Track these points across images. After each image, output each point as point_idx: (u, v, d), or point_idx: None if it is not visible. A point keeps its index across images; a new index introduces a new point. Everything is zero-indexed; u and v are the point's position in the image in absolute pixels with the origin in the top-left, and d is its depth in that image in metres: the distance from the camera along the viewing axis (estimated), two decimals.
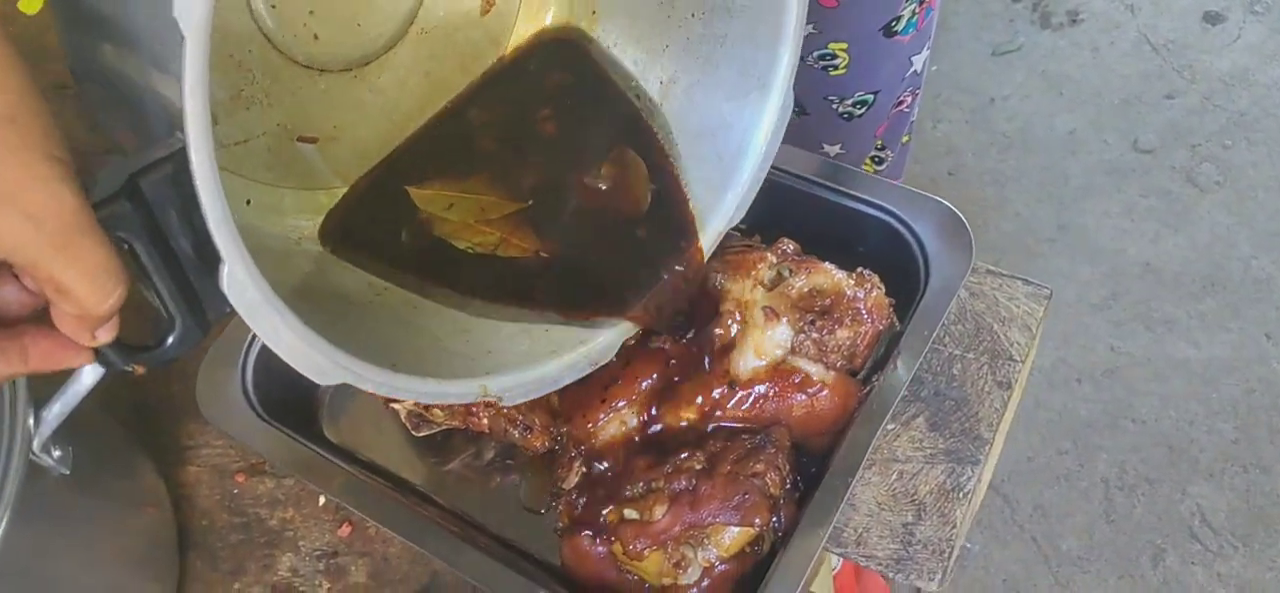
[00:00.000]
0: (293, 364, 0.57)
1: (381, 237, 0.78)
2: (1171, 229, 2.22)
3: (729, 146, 0.82)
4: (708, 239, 0.82)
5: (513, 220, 0.81)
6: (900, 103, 1.29)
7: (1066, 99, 2.48)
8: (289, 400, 0.92)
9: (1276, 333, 2.04)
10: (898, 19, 1.14)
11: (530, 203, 0.82)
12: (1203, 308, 2.11)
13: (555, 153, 0.85)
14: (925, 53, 1.24)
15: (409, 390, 0.65)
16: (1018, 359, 0.91)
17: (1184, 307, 2.11)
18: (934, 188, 1.77)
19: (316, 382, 0.59)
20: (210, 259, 0.51)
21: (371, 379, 0.61)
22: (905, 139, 1.43)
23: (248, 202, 0.74)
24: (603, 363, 0.78)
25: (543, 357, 0.75)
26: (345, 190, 0.81)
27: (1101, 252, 2.20)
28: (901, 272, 0.89)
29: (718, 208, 0.82)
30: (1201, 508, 1.87)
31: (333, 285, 0.74)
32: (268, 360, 0.90)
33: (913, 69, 1.23)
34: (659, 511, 0.76)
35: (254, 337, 0.89)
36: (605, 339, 0.78)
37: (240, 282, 0.52)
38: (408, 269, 0.76)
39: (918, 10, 1.15)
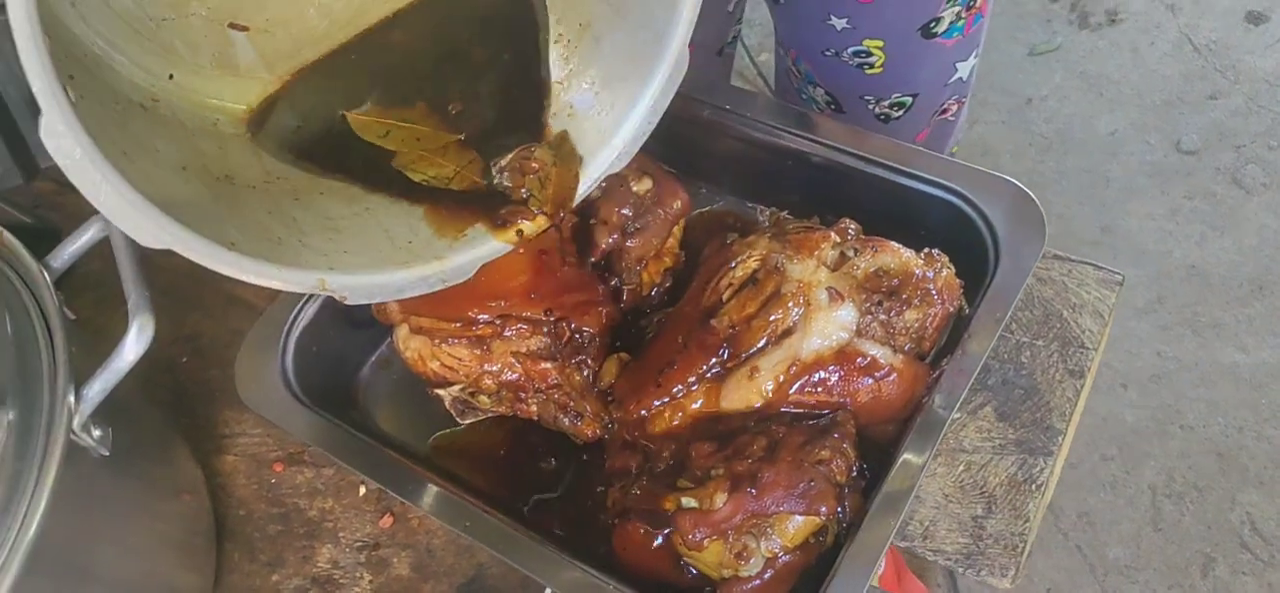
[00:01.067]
0: (114, 222, 0.55)
1: (307, 137, 0.77)
2: (1217, 232, 2.17)
3: (628, 87, 0.78)
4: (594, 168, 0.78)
5: (455, 150, 0.78)
6: (944, 110, 1.24)
7: (1106, 100, 2.43)
8: (328, 386, 0.89)
9: None
10: (938, 21, 1.10)
11: (463, 136, 0.79)
12: (1251, 312, 2.05)
13: (483, 82, 0.82)
14: (972, 61, 1.19)
15: (241, 269, 0.63)
16: (1090, 347, 0.87)
17: (1231, 310, 2.06)
18: None
19: (140, 243, 0.57)
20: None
21: (199, 251, 0.59)
22: (954, 150, 1.40)
23: (171, 76, 0.73)
24: (454, 282, 0.73)
25: (394, 265, 0.72)
26: (277, 85, 0.79)
27: (1146, 254, 2.15)
28: (968, 253, 0.85)
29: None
30: (1251, 517, 1.82)
31: (230, 167, 0.72)
32: (308, 345, 0.87)
33: (957, 75, 1.19)
34: (719, 498, 0.72)
35: (294, 320, 0.86)
36: (462, 260, 0.74)
37: (57, 132, 0.51)
38: (318, 159, 0.76)
39: (963, 13, 1.11)
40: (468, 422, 0.86)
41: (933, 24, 1.10)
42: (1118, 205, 2.23)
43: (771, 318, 0.78)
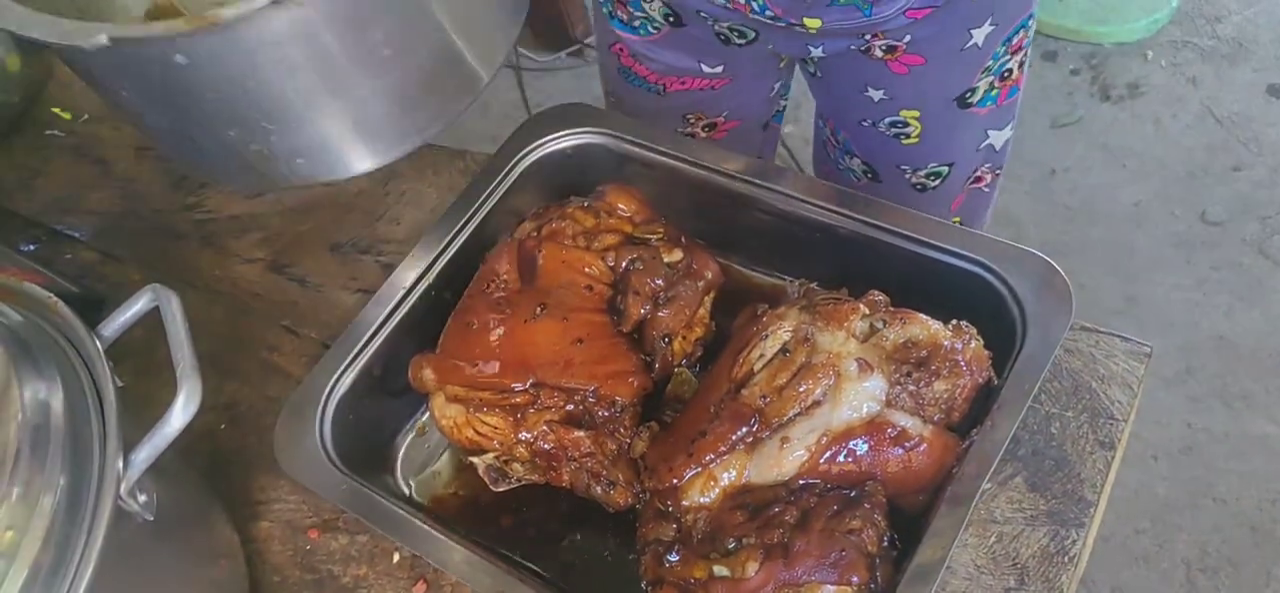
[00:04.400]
0: None
1: None
2: (1245, 303, 2.17)
3: None
4: None
5: None
6: (979, 179, 1.26)
7: (1129, 171, 2.44)
8: (365, 453, 0.91)
9: None
10: (973, 91, 1.12)
11: None
12: None
13: None
14: (1007, 132, 1.21)
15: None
16: (1120, 419, 0.87)
17: (1262, 381, 2.04)
18: None
19: None
20: None
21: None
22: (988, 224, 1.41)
23: None
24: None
25: None
26: None
27: (1173, 325, 2.14)
28: (996, 325, 0.86)
29: None
30: None
31: None
32: (345, 413, 0.89)
33: (989, 142, 1.21)
34: (751, 567, 0.73)
35: (331, 389, 0.88)
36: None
37: None
38: None
39: (997, 84, 1.14)
40: (501, 489, 0.87)
41: (968, 94, 1.12)
42: (1143, 276, 2.22)
43: (801, 388, 0.79)
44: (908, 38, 1.04)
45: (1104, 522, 1.76)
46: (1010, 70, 1.14)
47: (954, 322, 0.82)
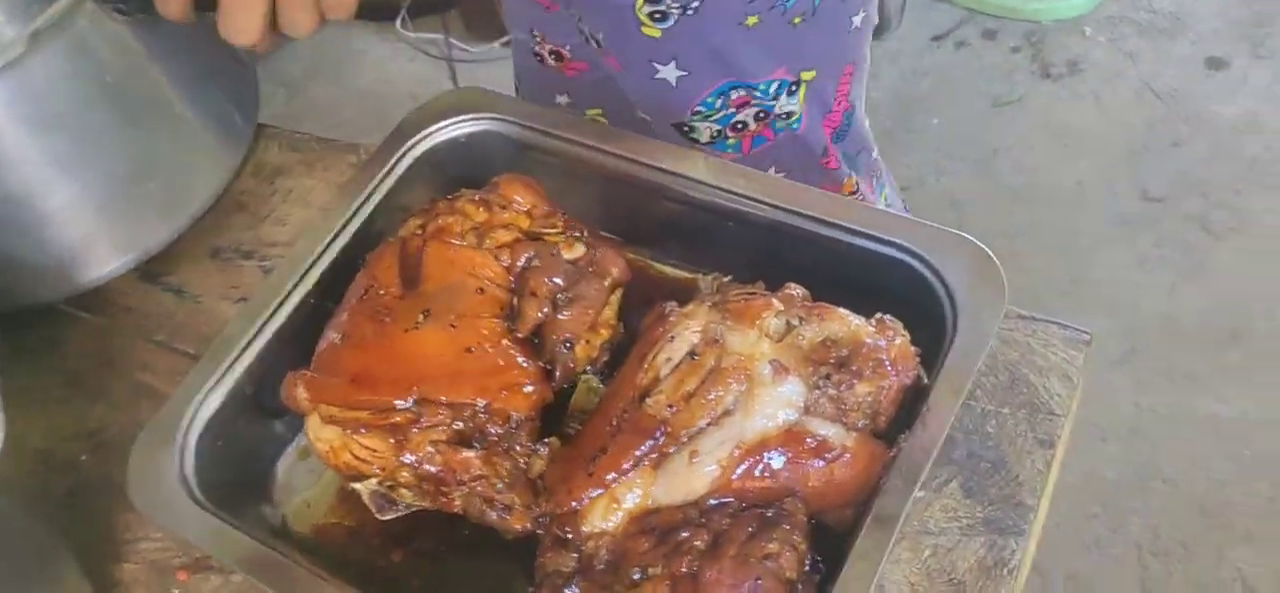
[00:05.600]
0: None
1: None
2: (1188, 279, 2.13)
3: None
4: None
5: None
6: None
7: (1071, 150, 2.40)
8: (238, 482, 0.81)
9: None
10: (691, 129, 1.11)
11: None
12: (1227, 361, 2.01)
13: None
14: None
15: None
16: (1059, 413, 0.80)
17: (1207, 359, 2.01)
18: None
19: None
20: None
21: None
22: (885, 194, 1.34)
23: None
24: None
25: None
26: None
27: (1118, 304, 2.11)
28: (925, 319, 0.79)
29: None
30: (1243, 574, 1.75)
31: None
32: (212, 438, 0.79)
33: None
34: None
35: (195, 412, 0.79)
36: None
37: None
38: None
39: (728, 132, 1.10)
40: (387, 517, 0.79)
41: (686, 129, 1.10)
42: (1087, 256, 2.19)
43: (711, 396, 0.71)
44: None
45: (1058, 509, 1.72)
46: (743, 124, 1.10)
47: (877, 316, 0.74)
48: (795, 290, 0.77)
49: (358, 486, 0.78)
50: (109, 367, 0.94)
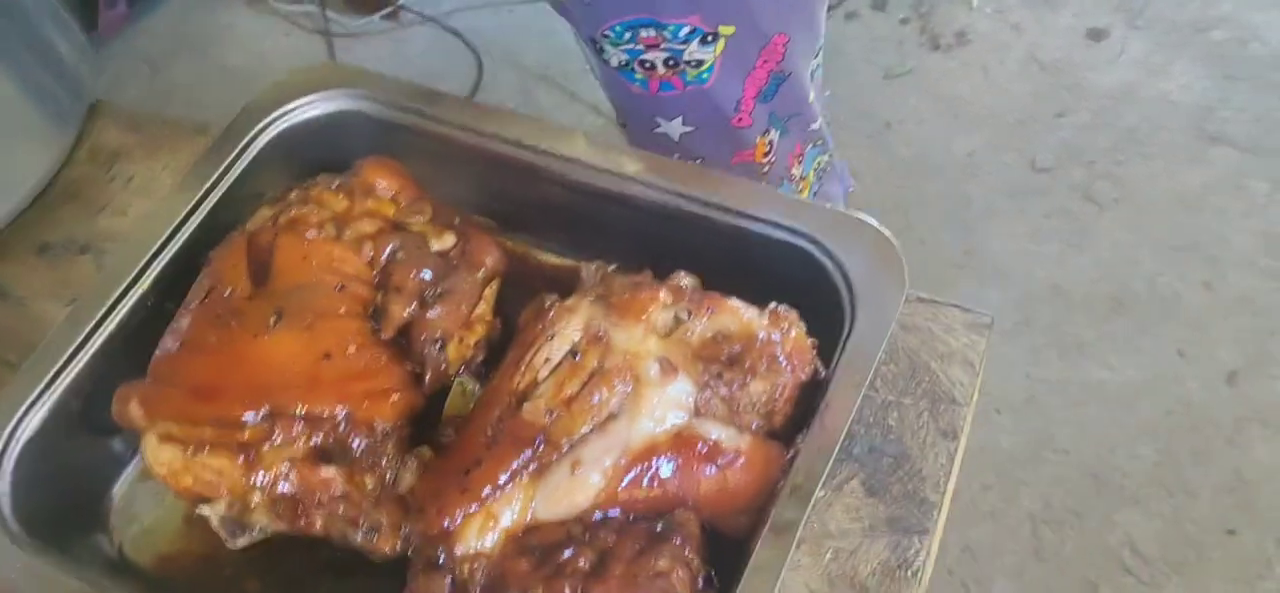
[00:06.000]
0: None
1: None
2: (1075, 249, 2.16)
3: None
4: None
5: None
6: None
7: (962, 121, 2.41)
8: (66, 510, 0.73)
9: (1188, 351, 1.98)
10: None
11: None
12: (1113, 329, 2.04)
13: None
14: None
15: None
16: (961, 402, 0.77)
17: (1094, 328, 2.04)
18: None
19: None
20: None
21: None
22: (821, 162, 1.31)
23: None
24: None
25: None
26: None
27: (1010, 276, 2.12)
28: (822, 306, 0.74)
29: None
30: (1131, 537, 1.78)
31: None
32: (34, 463, 0.70)
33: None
34: None
35: (13, 432, 0.70)
36: None
37: None
38: None
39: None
40: (241, 544, 0.71)
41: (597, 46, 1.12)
42: (980, 227, 2.19)
43: (594, 399, 0.65)
44: None
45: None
46: (651, 63, 1.10)
47: (771, 306, 0.69)
48: (685, 280, 0.71)
49: (204, 510, 0.70)
50: None
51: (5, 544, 0.65)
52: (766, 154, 1.25)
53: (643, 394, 0.65)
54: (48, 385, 0.71)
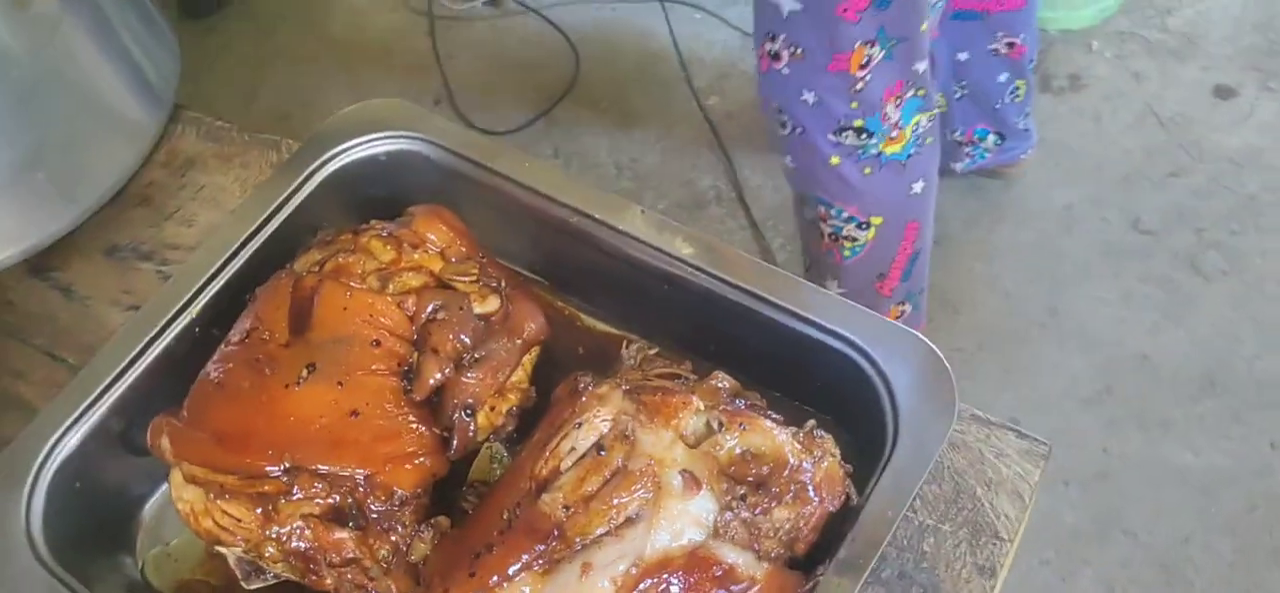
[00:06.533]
0: None
1: None
2: (1172, 320, 2.06)
3: None
4: None
5: None
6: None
7: (1064, 170, 2.31)
8: (97, 529, 0.74)
9: None
10: None
11: None
12: (1202, 410, 1.94)
13: None
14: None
15: None
16: (1005, 538, 0.73)
17: (1182, 407, 1.94)
18: None
19: None
20: None
21: None
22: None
23: None
24: None
25: None
26: None
27: (1096, 341, 2.03)
28: (864, 420, 0.72)
29: None
30: None
31: None
32: (69, 480, 0.72)
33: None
34: None
35: (51, 450, 0.71)
36: None
37: None
38: None
39: None
40: (254, 587, 0.71)
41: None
42: (1070, 285, 2.11)
43: (614, 501, 0.64)
44: None
45: None
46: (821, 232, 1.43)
47: (807, 426, 0.67)
48: (722, 382, 0.69)
49: (223, 549, 0.70)
50: None
51: (30, 564, 0.67)
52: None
53: (662, 504, 0.63)
54: (90, 406, 0.73)
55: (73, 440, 0.72)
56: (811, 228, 1.51)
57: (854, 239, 1.44)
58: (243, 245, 0.80)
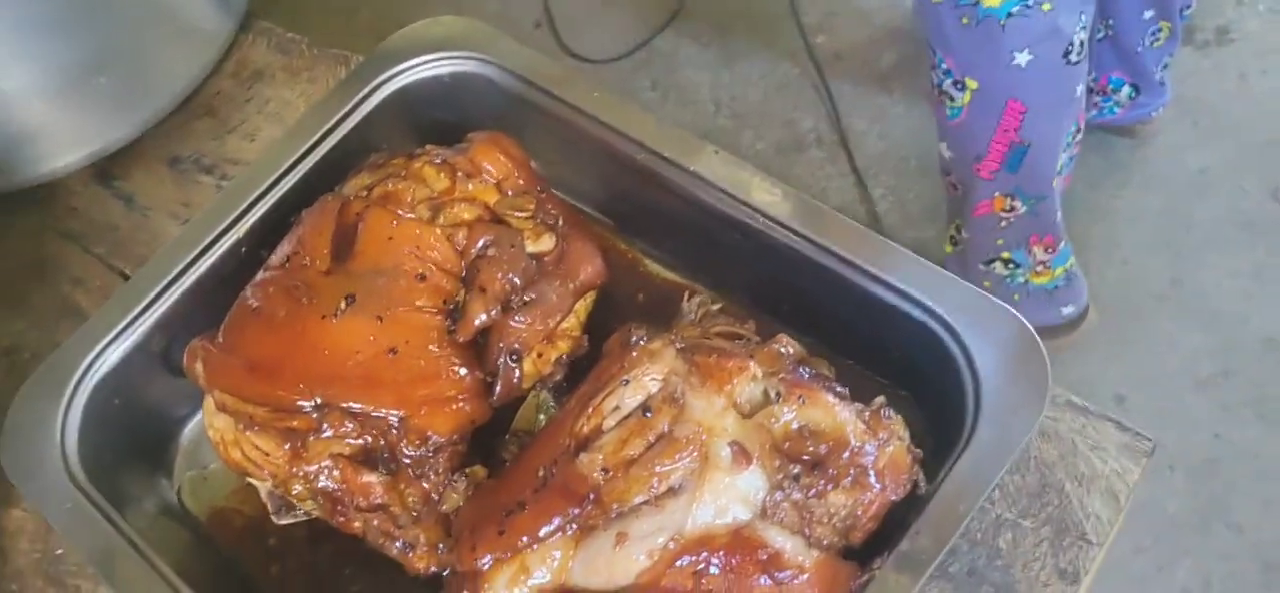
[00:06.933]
0: None
1: None
2: None
3: None
4: None
5: None
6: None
7: (1201, 131, 2.14)
8: (134, 448, 0.72)
9: None
10: None
11: None
12: None
13: None
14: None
15: None
16: (1095, 541, 0.66)
17: None
18: None
19: None
20: None
21: None
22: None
23: None
24: None
25: None
26: None
27: (1219, 317, 1.88)
28: (941, 400, 0.65)
29: None
30: None
31: None
32: (108, 396, 0.70)
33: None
34: None
35: (90, 366, 0.69)
36: None
37: None
38: None
39: None
40: (284, 521, 0.69)
41: None
42: (1195, 256, 1.96)
43: (656, 468, 0.59)
44: None
45: None
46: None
47: (875, 404, 0.60)
48: (786, 348, 0.63)
49: (255, 481, 0.68)
50: (39, 275, 0.85)
51: (62, 480, 0.65)
52: (1004, 211, 1.33)
53: (708, 477, 0.57)
54: (132, 322, 0.71)
55: (113, 356, 0.70)
56: (929, 76, 1.41)
57: (951, 99, 1.33)
58: (295, 165, 0.76)
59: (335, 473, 0.64)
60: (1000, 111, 1.29)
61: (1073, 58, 1.25)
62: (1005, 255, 1.50)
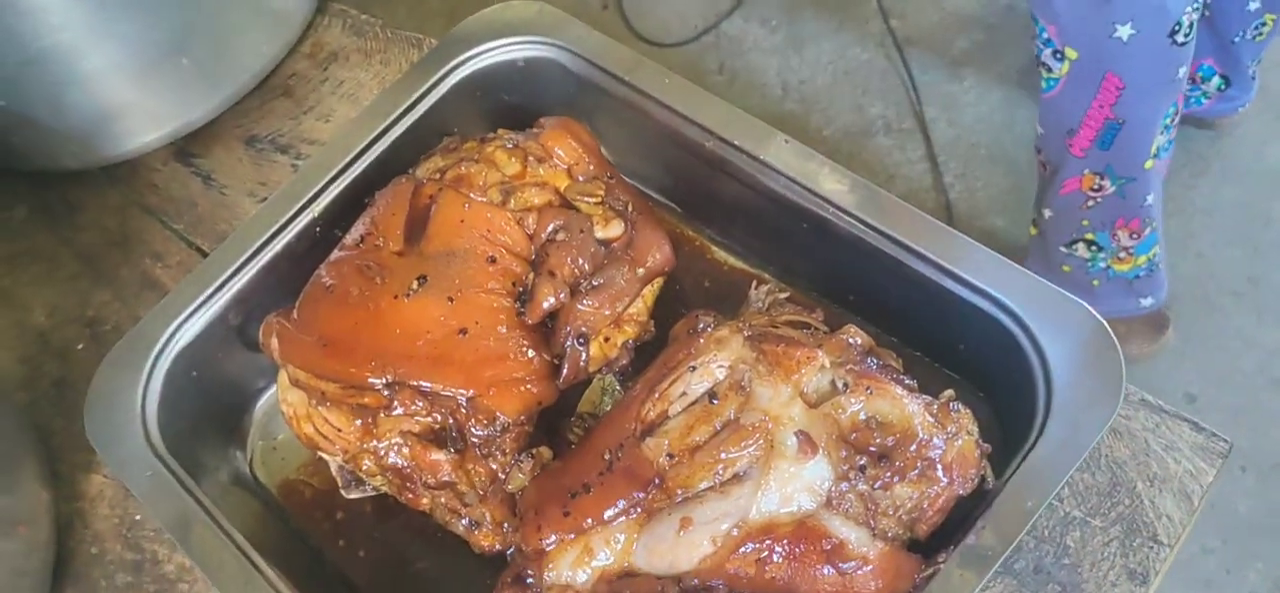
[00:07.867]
0: None
1: None
2: None
3: None
4: None
5: None
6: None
7: None
8: (210, 419, 0.74)
9: None
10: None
11: None
12: None
13: None
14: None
15: None
16: (1166, 543, 0.65)
17: None
18: None
19: None
20: None
21: None
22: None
23: None
24: None
25: None
26: None
27: None
28: (1014, 392, 0.64)
29: None
30: None
31: None
32: (186, 369, 0.72)
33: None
34: None
35: (170, 339, 0.71)
36: None
37: None
38: None
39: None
40: (354, 496, 0.70)
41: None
42: (1274, 253, 1.90)
43: (722, 455, 0.59)
44: None
45: None
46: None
47: (944, 397, 0.60)
48: (854, 338, 0.62)
49: (326, 455, 0.69)
50: (122, 249, 0.88)
51: (143, 449, 0.67)
52: (1094, 189, 1.31)
53: (773, 465, 0.58)
54: (209, 297, 0.72)
55: (192, 330, 0.72)
56: (1031, 48, 1.38)
57: (1049, 69, 1.31)
58: (369, 146, 0.77)
59: (404, 450, 0.65)
60: (1097, 84, 1.25)
61: (1179, 39, 1.20)
62: (1088, 236, 1.45)
